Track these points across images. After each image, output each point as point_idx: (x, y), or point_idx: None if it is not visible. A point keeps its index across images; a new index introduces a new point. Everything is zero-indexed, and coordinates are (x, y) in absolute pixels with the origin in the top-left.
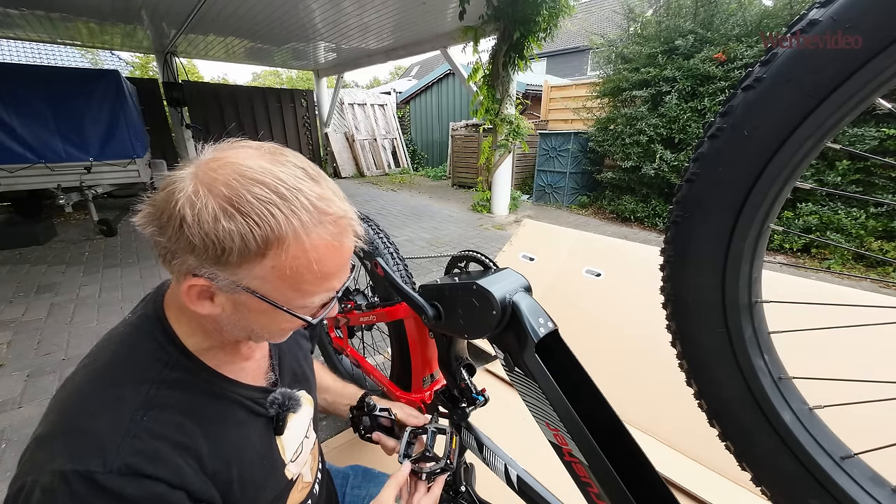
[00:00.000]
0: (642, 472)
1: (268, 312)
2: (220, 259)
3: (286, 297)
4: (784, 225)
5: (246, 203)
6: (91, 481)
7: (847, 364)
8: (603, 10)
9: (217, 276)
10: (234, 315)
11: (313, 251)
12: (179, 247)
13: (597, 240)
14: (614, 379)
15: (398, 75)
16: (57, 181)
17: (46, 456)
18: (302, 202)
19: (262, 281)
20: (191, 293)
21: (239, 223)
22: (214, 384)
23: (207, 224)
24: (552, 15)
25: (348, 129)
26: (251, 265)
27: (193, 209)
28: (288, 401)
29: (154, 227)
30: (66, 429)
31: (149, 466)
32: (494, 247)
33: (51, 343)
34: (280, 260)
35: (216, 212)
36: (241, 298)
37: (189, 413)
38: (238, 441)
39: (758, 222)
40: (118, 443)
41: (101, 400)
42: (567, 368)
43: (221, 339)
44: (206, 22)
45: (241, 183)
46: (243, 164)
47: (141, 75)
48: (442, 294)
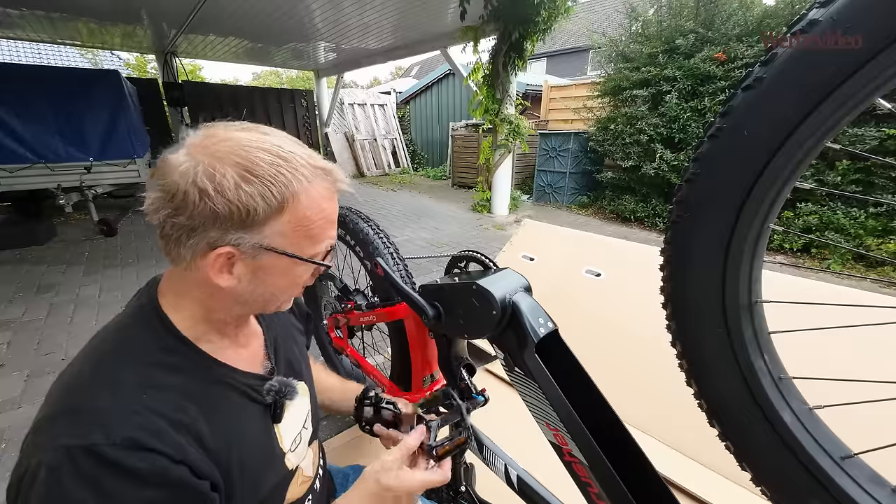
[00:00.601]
0: (642, 472)
1: (286, 270)
2: (245, 222)
3: (302, 248)
4: (784, 225)
5: (258, 167)
6: (95, 454)
7: (847, 364)
8: (604, 8)
9: (243, 240)
10: (251, 283)
11: (319, 200)
12: (201, 221)
13: (597, 240)
14: (614, 379)
15: (398, 75)
16: (57, 181)
17: (47, 437)
18: (299, 161)
19: (282, 237)
20: (216, 265)
21: (258, 185)
22: (212, 369)
23: (231, 191)
24: (552, 15)
25: (348, 129)
26: (273, 222)
27: (213, 180)
28: (285, 388)
29: (168, 210)
30: (66, 409)
31: (151, 440)
32: (494, 247)
33: (51, 343)
34: (295, 213)
35: (236, 179)
36: (261, 262)
37: (187, 396)
38: (237, 426)
39: (758, 222)
40: (120, 418)
41: (100, 383)
42: (567, 368)
43: (219, 325)
44: (206, 22)
45: (247, 152)
46: (240, 138)
47: (140, 75)
48: (442, 294)
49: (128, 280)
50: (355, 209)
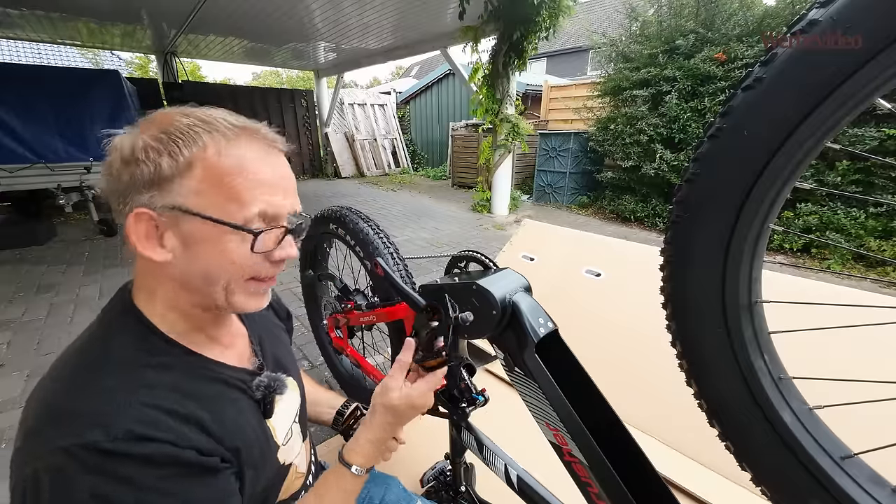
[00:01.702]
0: (642, 472)
1: (215, 239)
2: (154, 180)
3: (227, 211)
4: (784, 225)
5: (173, 129)
6: (98, 450)
7: (847, 364)
8: (604, 9)
9: (154, 199)
10: (187, 256)
11: (238, 157)
12: (122, 186)
13: (597, 240)
14: (614, 379)
15: (398, 75)
16: (57, 181)
17: (40, 445)
18: (221, 122)
19: (198, 196)
20: (139, 231)
21: (167, 143)
22: (201, 366)
23: (141, 151)
24: (552, 15)
25: (348, 129)
26: (184, 180)
27: (131, 145)
28: (274, 383)
29: (107, 178)
30: (57, 416)
31: (150, 431)
32: (494, 247)
33: (51, 343)
34: (210, 170)
35: (149, 140)
36: (185, 230)
37: (181, 392)
38: (236, 417)
39: (758, 222)
40: (115, 415)
41: (87, 392)
42: (567, 368)
43: (195, 321)
44: (206, 22)
45: (170, 117)
46: (173, 111)
47: (141, 75)
48: (442, 294)
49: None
50: (355, 209)
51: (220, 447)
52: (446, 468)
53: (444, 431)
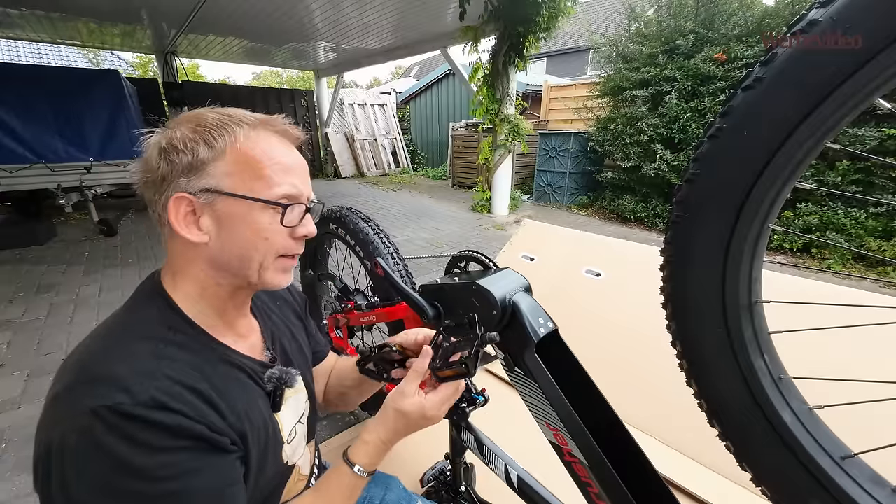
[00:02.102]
0: (642, 472)
1: (245, 216)
2: (192, 166)
3: (253, 188)
4: (784, 225)
5: (206, 122)
6: (122, 413)
7: (847, 364)
8: (604, 9)
9: (191, 184)
10: (219, 238)
11: (263, 143)
12: (161, 175)
13: (597, 240)
14: (614, 379)
15: (398, 75)
16: (57, 181)
17: (69, 406)
18: (247, 117)
19: (229, 177)
20: (178, 214)
21: (202, 133)
22: (216, 349)
23: (179, 142)
24: (552, 15)
25: (348, 129)
26: (218, 163)
27: (169, 139)
28: (286, 375)
29: (143, 172)
30: (84, 379)
31: (171, 401)
32: (494, 247)
33: (51, 343)
34: (239, 153)
35: (185, 132)
36: (219, 210)
37: (198, 371)
38: (247, 402)
39: (758, 222)
40: (140, 382)
41: (115, 355)
42: (567, 368)
43: (217, 303)
44: (206, 22)
45: (200, 115)
46: (202, 110)
47: (141, 75)
48: (442, 294)
49: (128, 280)
50: (355, 209)
51: (229, 429)
52: (446, 468)
53: (444, 431)
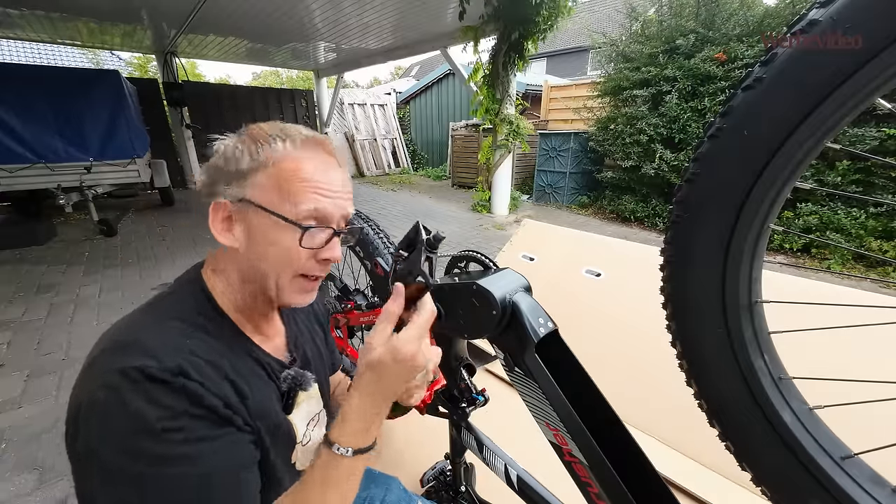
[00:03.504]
0: (642, 472)
1: (271, 231)
2: (235, 175)
3: (280, 205)
4: (784, 225)
5: (257, 134)
6: (148, 374)
7: (847, 364)
8: (604, 8)
9: (230, 191)
10: (249, 246)
11: (303, 162)
12: (214, 179)
13: (597, 240)
14: (614, 379)
15: (398, 75)
16: (57, 181)
17: (100, 368)
18: (297, 133)
19: (261, 190)
20: (216, 218)
21: (249, 144)
22: (242, 342)
23: (231, 149)
24: (552, 15)
25: (348, 129)
26: (255, 176)
27: (227, 146)
28: (301, 377)
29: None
30: (116, 345)
31: (194, 372)
32: (494, 247)
33: (51, 343)
34: (275, 169)
35: (238, 143)
36: (249, 220)
37: (222, 354)
38: (264, 397)
39: (758, 222)
40: (167, 352)
41: (148, 327)
42: (567, 368)
43: (246, 306)
44: (206, 22)
45: (260, 127)
46: (268, 123)
47: (141, 75)
48: (442, 294)
49: (128, 280)
50: (355, 209)
51: (244, 410)
52: (446, 468)
53: (444, 431)
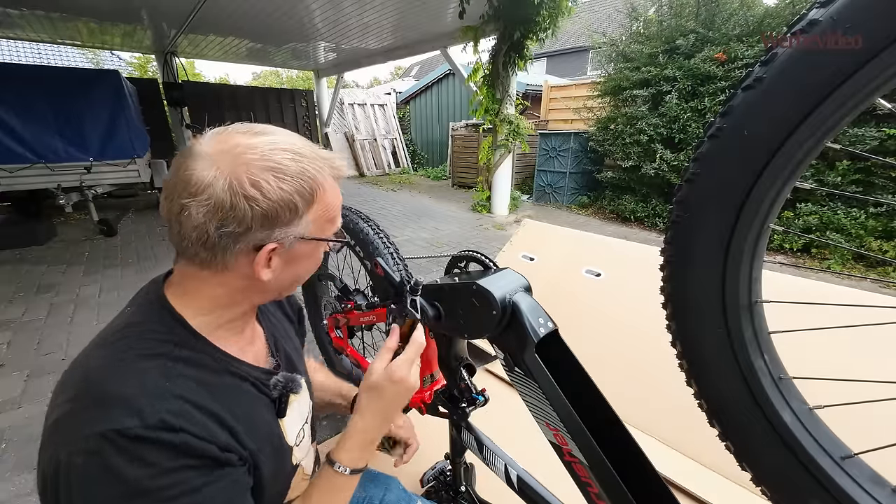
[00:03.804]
0: (642, 472)
1: (312, 253)
2: (289, 217)
3: (326, 230)
4: (784, 225)
5: (287, 168)
6: (132, 436)
7: (847, 364)
8: (605, 8)
9: (287, 234)
10: (285, 270)
11: (333, 187)
12: (250, 225)
13: (597, 240)
14: (614, 379)
15: (398, 75)
16: (57, 181)
17: (77, 429)
18: (311, 155)
19: (314, 224)
20: (259, 262)
21: (292, 183)
22: (223, 361)
23: (273, 193)
24: (552, 15)
25: (348, 129)
26: (308, 213)
27: (258, 187)
28: (290, 382)
29: (216, 222)
30: (93, 400)
31: (179, 421)
32: (494, 247)
33: (51, 343)
34: (322, 201)
35: (274, 181)
36: (295, 250)
37: (206, 386)
38: (252, 414)
39: (758, 222)
40: (149, 403)
41: (122, 373)
42: (567, 368)
43: (228, 319)
44: (206, 22)
45: (273, 154)
46: (259, 143)
47: (141, 75)
48: (442, 294)
49: (128, 280)
50: (355, 209)
51: (239, 446)
52: (446, 468)
53: (444, 431)
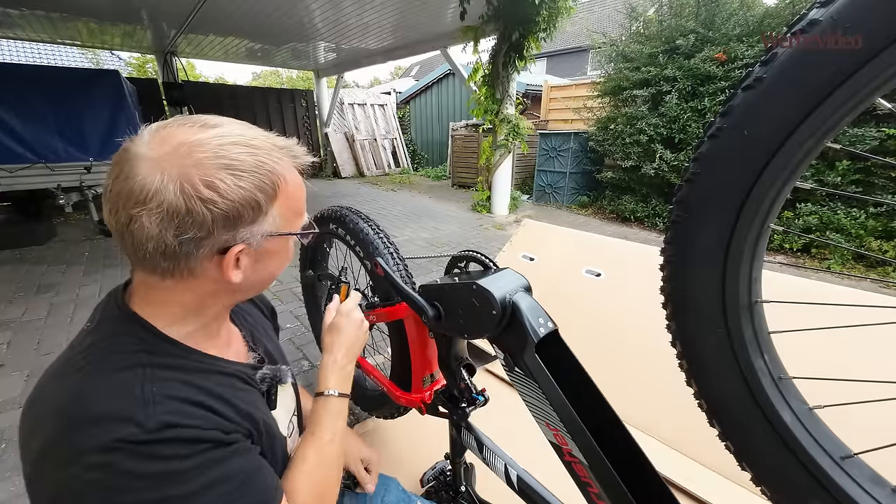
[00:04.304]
0: (642, 472)
1: (281, 248)
2: (252, 216)
3: (294, 223)
4: (784, 225)
5: (241, 162)
6: (139, 441)
7: (847, 364)
8: (604, 8)
9: (252, 233)
10: (255, 270)
11: (294, 177)
12: (211, 229)
13: (597, 240)
14: (614, 379)
15: (398, 75)
16: (57, 181)
17: (74, 451)
18: (267, 146)
19: (281, 219)
20: (227, 265)
21: (251, 178)
22: (205, 362)
23: (232, 192)
24: (552, 15)
25: (348, 129)
26: (273, 208)
27: (213, 188)
28: (277, 373)
29: (174, 230)
30: (80, 424)
31: (181, 420)
32: (494, 247)
33: (51, 343)
34: (286, 192)
35: (231, 179)
36: (264, 248)
37: (191, 383)
38: (249, 403)
39: (758, 222)
40: (144, 411)
41: (102, 391)
42: (567, 368)
43: (202, 322)
44: (206, 22)
45: (224, 150)
46: (206, 138)
47: (139, 75)
48: (442, 294)
49: None
50: (355, 209)
51: (238, 426)
52: (446, 468)
53: (444, 431)
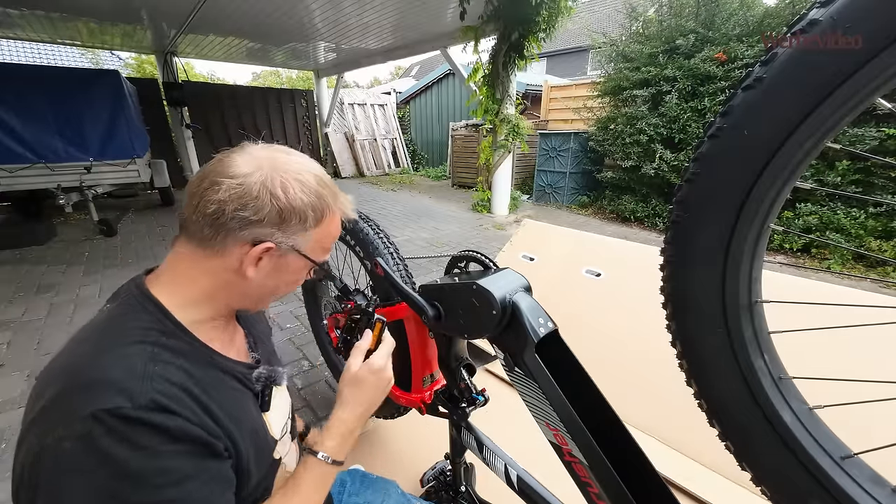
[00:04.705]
0: (642, 472)
1: (298, 269)
2: (296, 226)
3: (318, 256)
4: (784, 225)
5: (311, 185)
6: (123, 416)
7: (847, 364)
8: (604, 8)
9: (285, 239)
10: (267, 277)
11: (337, 221)
12: (262, 217)
13: (597, 240)
14: (614, 379)
15: (398, 75)
16: (57, 181)
17: (64, 413)
18: (331, 185)
19: (313, 243)
20: (254, 256)
21: (311, 198)
22: (207, 354)
23: (294, 198)
24: (552, 15)
25: (348, 129)
26: (313, 231)
27: (285, 189)
28: (273, 374)
29: (236, 203)
30: (79, 384)
31: (171, 404)
32: (494, 247)
33: (51, 343)
34: (326, 227)
35: (298, 188)
36: (286, 260)
37: (191, 377)
38: (237, 407)
39: (758, 222)
40: (138, 385)
41: (108, 358)
42: (567, 368)
43: (212, 313)
44: (206, 22)
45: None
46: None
47: (139, 75)
48: (442, 294)
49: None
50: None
51: (222, 434)
52: (446, 468)
53: (444, 431)
